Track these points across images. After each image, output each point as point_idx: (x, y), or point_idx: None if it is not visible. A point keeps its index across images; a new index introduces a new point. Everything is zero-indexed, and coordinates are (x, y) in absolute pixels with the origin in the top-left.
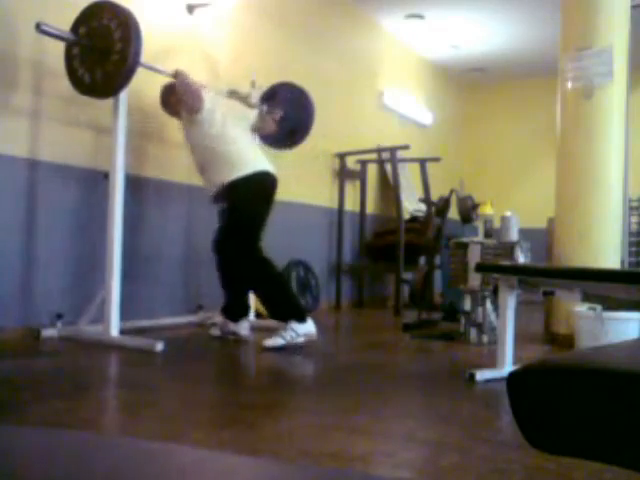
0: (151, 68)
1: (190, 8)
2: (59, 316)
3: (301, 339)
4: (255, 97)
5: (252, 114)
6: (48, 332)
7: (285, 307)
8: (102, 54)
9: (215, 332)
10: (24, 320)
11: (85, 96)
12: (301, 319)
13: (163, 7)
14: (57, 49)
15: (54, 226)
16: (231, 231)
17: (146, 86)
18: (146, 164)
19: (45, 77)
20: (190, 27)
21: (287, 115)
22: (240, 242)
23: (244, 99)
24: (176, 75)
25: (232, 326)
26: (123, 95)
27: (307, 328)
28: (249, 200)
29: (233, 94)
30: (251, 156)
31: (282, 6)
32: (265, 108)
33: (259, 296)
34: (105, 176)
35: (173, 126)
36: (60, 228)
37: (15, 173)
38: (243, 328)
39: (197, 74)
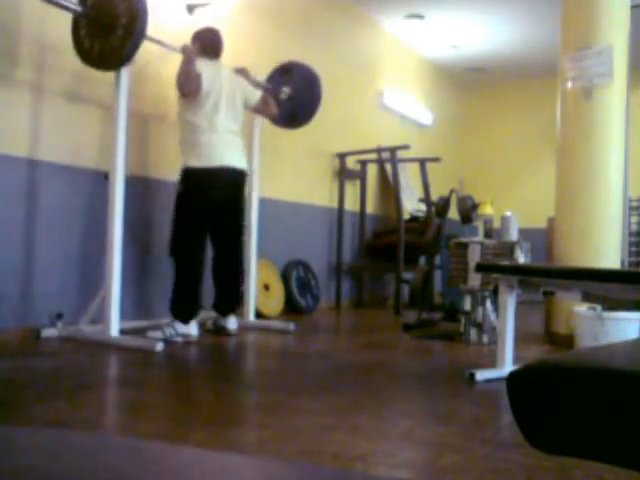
0: (158, 42)
1: (190, 8)
2: (59, 316)
3: (179, 338)
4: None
5: (255, 95)
6: (48, 332)
7: (175, 305)
8: (108, 26)
9: (209, 326)
10: (24, 320)
11: (92, 68)
12: (185, 321)
13: (163, 7)
14: (58, 44)
15: (54, 226)
16: (172, 221)
17: (147, 86)
18: (146, 164)
19: (45, 76)
20: (190, 27)
21: (294, 95)
22: (174, 232)
23: (250, 77)
24: (183, 52)
25: (219, 321)
26: (123, 95)
27: (187, 330)
28: (187, 194)
29: (241, 72)
30: (219, 149)
31: (282, 6)
32: (270, 87)
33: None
34: (105, 176)
35: (173, 126)
36: (60, 228)
37: (15, 173)
38: (230, 323)
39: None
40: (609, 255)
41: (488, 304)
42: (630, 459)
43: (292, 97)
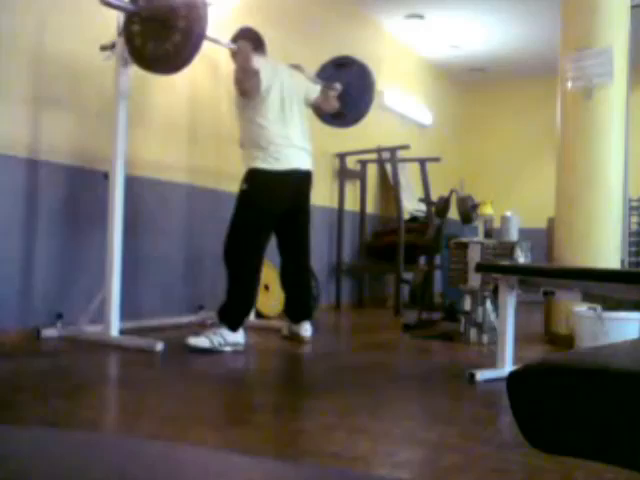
0: (215, 41)
1: None
2: (59, 316)
3: (227, 348)
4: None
5: (315, 90)
6: (48, 332)
7: (227, 310)
8: (164, 27)
9: (284, 332)
10: (24, 320)
11: (147, 71)
12: (234, 328)
13: None
14: (58, 50)
15: (54, 226)
16: (231, 220)
17: (147, 86)
18: (146, 164)
19: (45, 77)
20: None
21: (346, 92)
22: (231, 231)
23: (306, 73)
24: (238, 52)
25: (293, 327)
26: (123, 94)
27: (236, 338)
28: (252, 194)
29: (297, 68)
30: (286, 151)
31: (282, 6)
32: (322, 83)
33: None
34: (105, 176)
35: (174, 127)
36: (60, 228)
37: (15, 173)
38: (304, 330)
39: (197, 74)
40: (609, 255)
41: (488, 304)
42: (630, 459)
43: (342, 94)
